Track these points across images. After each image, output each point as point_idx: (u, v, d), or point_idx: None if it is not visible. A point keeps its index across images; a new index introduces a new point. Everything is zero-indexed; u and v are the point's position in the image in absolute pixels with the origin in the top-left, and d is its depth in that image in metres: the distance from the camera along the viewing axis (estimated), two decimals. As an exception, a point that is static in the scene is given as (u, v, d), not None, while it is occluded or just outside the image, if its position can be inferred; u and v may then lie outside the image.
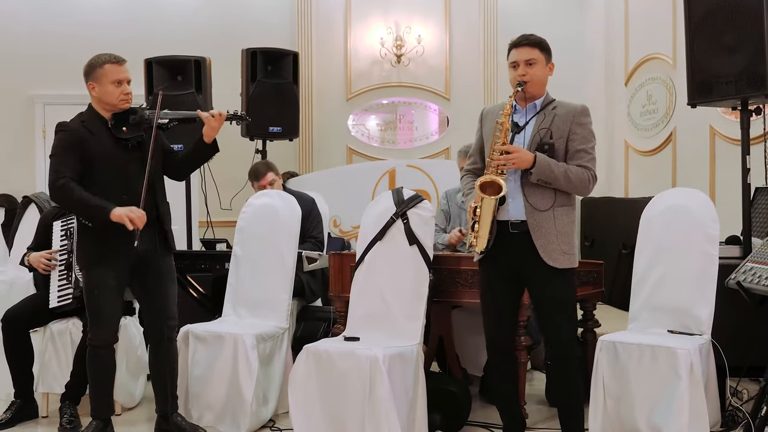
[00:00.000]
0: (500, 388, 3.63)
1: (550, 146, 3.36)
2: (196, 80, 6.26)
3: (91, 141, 3.66)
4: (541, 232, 3.33)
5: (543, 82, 3.44)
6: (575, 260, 3.41)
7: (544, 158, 3.31)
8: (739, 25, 4.18)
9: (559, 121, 3.38)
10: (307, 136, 8.31)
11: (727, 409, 3.90)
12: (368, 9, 8.50)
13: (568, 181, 3.33)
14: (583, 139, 3.38)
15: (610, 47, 8.32)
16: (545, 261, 3.31)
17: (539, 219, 3.34)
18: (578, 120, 3.39)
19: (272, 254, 4.43)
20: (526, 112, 3.45)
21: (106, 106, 3.72)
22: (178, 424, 3.84)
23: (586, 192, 3.43)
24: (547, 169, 3.30)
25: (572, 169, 3.33)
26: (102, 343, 3.72)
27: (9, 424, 4.13)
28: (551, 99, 3.47)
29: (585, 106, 3.45)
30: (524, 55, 3.39)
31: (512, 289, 3.49)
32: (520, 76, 3.38)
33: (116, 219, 3.52)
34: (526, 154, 3.30)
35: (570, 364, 3.42)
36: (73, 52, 7.62)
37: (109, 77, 3.67)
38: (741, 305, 3.74)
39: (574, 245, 3.39)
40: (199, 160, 3.96)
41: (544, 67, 3.42)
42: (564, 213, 3.38)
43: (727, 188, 5.79)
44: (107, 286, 3.67)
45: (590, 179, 3.37)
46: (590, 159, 3.39)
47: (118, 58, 3.72)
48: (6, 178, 7.88)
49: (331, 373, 3.61)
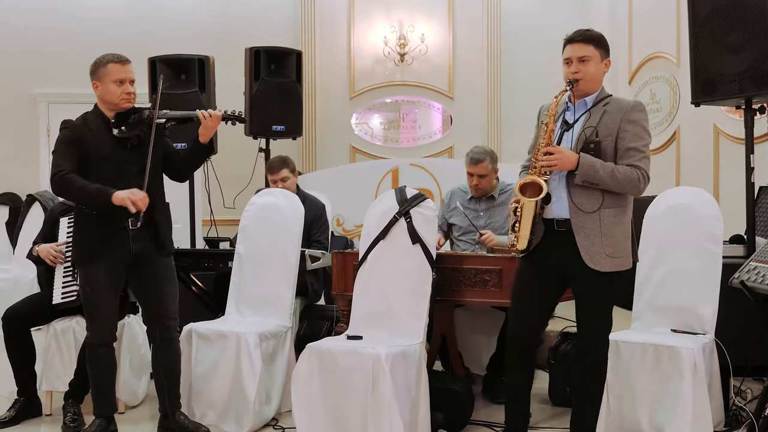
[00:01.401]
0: (515, 386, 3.55)
1: (596, 144, 3.25)
2: (200, 79, 6.26)
3: (89, 138, 3.67)
4: (585, 233, 3.24)
5: (597, 79, 3.33)
6: (624, 263, 3.30)
7: (589, 159, 3.21)
8: (744, 23, 4.17)
9: (608, 118, 3.27)
10: (310, 135, 8.30)
11: (730, 408, 3.89)
12: (371, 7, 8.50)
13: (616, 182, 3.21)
14: (634, 137, 3.25)
15: (614, 46, 8.22)
16: (586, 263, 3.24)
17: (583, 220, 3.25)
18: (629, 117, 3.26)
19: (275, 253, 4.43)
20: (575, 109, 3.35)
21: (109, 106, 3.73)
22: (180, 423, 3.85)
23: (637, 192, 3.28)
24: (591, 170, 3.19)
25: (620, 169, 3.21)
26: (99, 341, 3.73)
27: (12, 422, 4.14)
28: (606, 95, 3.35)
29: (639, 102, 3.35)
30: (578, 52, 3.29)
31: (551, 288, 3.43)
32: (572, 74, 3.29)
33: (118, 202, 3.51)
34: (569, 155, 3.21)
35: (597, 366, 3.37)
36: (77, 50, 7.66)
37: (111, 76, 3.68)
38: (744, 305, 3.72)
39: (622, 247, 3.28)
40: (195, 161, 3.94)
41: (598, 63, 3.32)
42: (612, 215, 3.26)
43: (731, 187, 5.77)
44: (101, 285, 3.68)
45: (640, 179, 3.23)
46: (642, 158, 3.24)
47: (122, 57, 3.73)
48: (10, 177, 7.90)
49: (333, 371, 3.61)
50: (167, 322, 3.81)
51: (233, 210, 6.60)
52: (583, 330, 3.39)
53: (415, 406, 3.67)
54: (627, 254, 3.32)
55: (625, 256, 3.31)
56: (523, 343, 3.47)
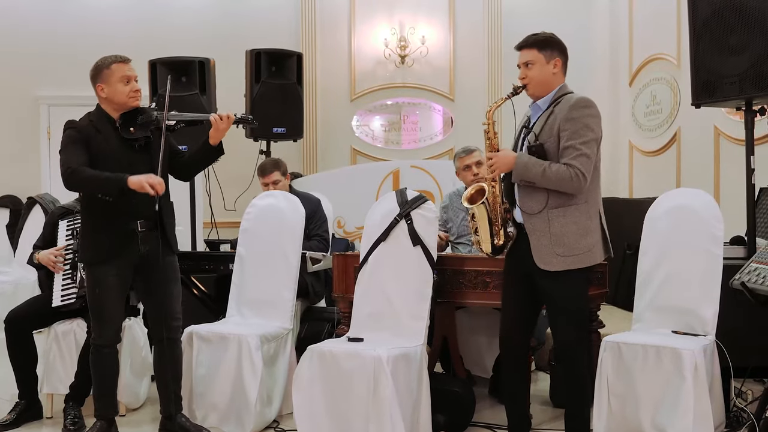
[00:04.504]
0: (510, 386, 3.61)
1: (537, 147, 3.30)
2: (201, 81, 6.28)
3: (97, 139, 3.68)
4: (537, 235, 3.32)
5: (545, 80, 3.38)
6: (581, 260, 3.33)
7: (523, 159, 3.28)
8: (744, 25, 4.17)
9: (552, 119, 3.32)
10: (311, 137, 8.31)
11: (731, 409, 3.89)
12: (372, 10, 8.50)
13: (548, 180, 3.25)
14: (572, 134, 3.26)
15: (615, 47, 8.31)
16: (537, 264, 3.31)
17: (534, 221, 3.33)
18: (568, 115, 3.28)
19: (276, 255, 4.43)
20: (533, 112, 3.45)
21: (115, 106, 3.73)
22: (182, 425, 3.85)
23: (576, 190, 3.28)
24: (524, 169, 3.26)
25: (552, 167, 3.24)
26: (105, 341, 3.74)
27: (13, 424, 4.14)
28: (561, 94, 3.38)
29: (582, 99, 3.34)
30: (523, 58, 3.40)
31: (529, 289, 3.46)
32: (519, 80, 3.39)
33: (135, 185, 3.51)
34: (505, 157, 3.30)
35: (573, 365, 3.41)
36: (78, 53, 7.64)
37: (117, 75, 3.69)
38: (745, 306, 3.72)
39: (578, 246, 3.31)
40: (204, 162, 3.98)
41: (544, 65, 3.36)
42: (561, 214, 3.30)
43: (732, 188, 5.77)
44: (109, 285, 3.68)
45: (573, 177, 3.23)
46: (577, 155, 3.24)
47: (123, 57, 3.74)
48: (11, 179, 7.91)
49: (335, 373, 3.61)
50: (172, 321, 3.82)
51: (234, 212, 6.61)
52: (554, 332, 3.46)
53: (417, 407, 3.67)
54: (585, 251, 3.33)
55: (582, 254, 3.32)
56: (511, 344, 3.53)
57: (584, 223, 3.34)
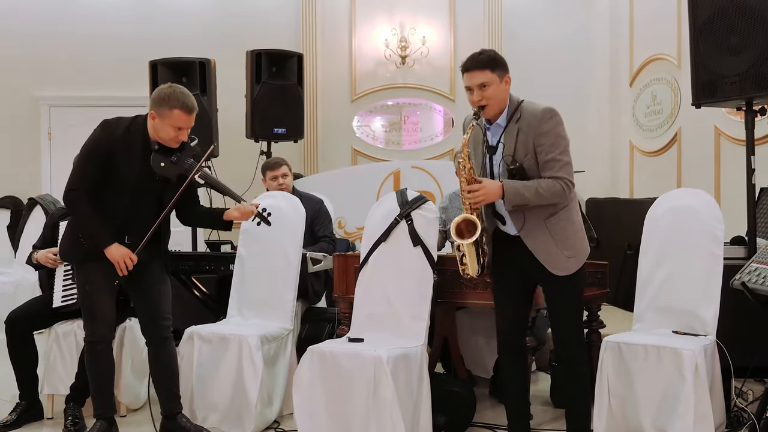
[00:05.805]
0: (510, 386, 3.61)
1: (517, 168, 3.28)
2: (201, 82, 6.28)
3: (121, 157, 3.63)
4: (541, 246, 3.31)
5: (502, 99, 3.32)
6: (582, 258, 3.37)
7: (512, 186, 3.24)
8: (744, 25, 4.17)
9: (523, 136, 3.28)
10: (311, 138, 8.31)
11: (732, 410, 3.89)
12: (373, 10, 8.51)
13: (542, 199, 3.25)
14: (550, 147, 3.25)
15: (615, 48, 8.31)
16: (552, 272, 3.31)
17: (534, 234, 3.31)
18: (539, 130, 3.26)
19: (277, 255, 4.43)
20: (493, 131, 3.38)
21: (156, 137, 3.69)
22: (182, 425, 3.85)
23: (566, 200, 3.32)
24: (517, 196, 3.23)
25: (543, 185, 3.24)
26: (97, 338, 3.75)
27: (14, 425, 4.14)
28: (516, 106, 3.34)
29: (546, 109, 3.30)
30: (477, 80, 3.27)
31: (523, 290, 3.49)
32: (477, 102, 3.28)
33: (110, 257, 3.60)
34: (492, 187, 3.24)
35: (576, 364, 3.42)
36: (79, 54, 7.68)
37: (173, 121, 3.62)
38: (746, 306, 3.72)
39: (576, 245, 3.35)
40: (208, 226, 4.18)
41: (498, 85, 3.29)
42: (556, 219, 3.32)
43: (732, 189, 5.78)
44: (98, 282, 3.71)
45: (564, 188, 3.26)
46: (561, 166, 3.26)
47: (191, 107, 3.65)
48: (11, 180, 7.91)
49: (335, 374, 3.61)
50: (163, 321, 3.84)
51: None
52: (559, 331, 3.45)
53: (417, 408, 3.67)
54: (582, 246, 3.40)
55: (581, 251, 3.38)
56: (510, 344, 3.53)
57: (575, 218, 3.40)
